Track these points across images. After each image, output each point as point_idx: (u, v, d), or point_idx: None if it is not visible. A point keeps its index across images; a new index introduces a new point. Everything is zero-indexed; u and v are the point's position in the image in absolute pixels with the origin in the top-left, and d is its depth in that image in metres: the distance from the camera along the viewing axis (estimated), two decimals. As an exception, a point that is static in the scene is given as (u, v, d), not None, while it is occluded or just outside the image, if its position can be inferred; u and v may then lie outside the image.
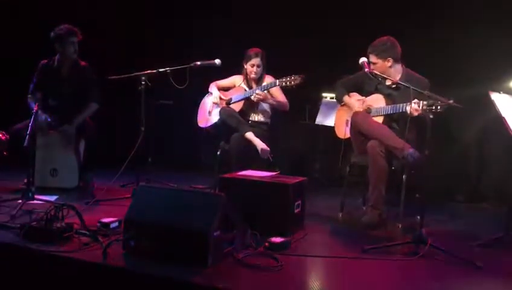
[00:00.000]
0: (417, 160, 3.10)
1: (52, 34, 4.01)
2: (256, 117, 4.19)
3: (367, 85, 3.64)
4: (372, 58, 3.44)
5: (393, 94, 3.50)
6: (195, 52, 4.39)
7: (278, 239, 2.65)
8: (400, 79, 3.39)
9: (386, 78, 3.44)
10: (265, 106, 4.18)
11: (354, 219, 3.47)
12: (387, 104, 3.47)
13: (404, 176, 3.33)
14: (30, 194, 3.26)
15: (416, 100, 3.06)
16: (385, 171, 3.25)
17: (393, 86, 3.50)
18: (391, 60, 3.42)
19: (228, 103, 4.18)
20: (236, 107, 4.11)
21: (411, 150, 3.15)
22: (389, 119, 3.47)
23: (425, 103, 2.85)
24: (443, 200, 4.39)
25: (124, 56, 5.36)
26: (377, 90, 3.59)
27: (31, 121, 3.30)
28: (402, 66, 3.49)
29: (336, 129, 3.89)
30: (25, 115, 3.73)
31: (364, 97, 3.65)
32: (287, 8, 5.17)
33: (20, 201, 3.18)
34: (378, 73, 3.37)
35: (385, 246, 2.78)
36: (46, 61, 4.17)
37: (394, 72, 3.45)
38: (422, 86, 3.13)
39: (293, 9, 5.17)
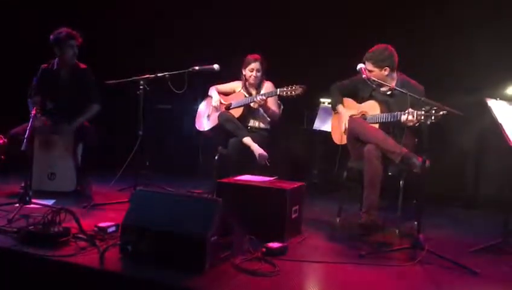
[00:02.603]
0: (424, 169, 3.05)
1: (51, 37, 4.01)
2: (256, 123, 4.20)
3: (362, 91, 3.65)
4: (369, 66, 3.43)
5: (389, 101, 3.51)
6: (195, 56, 4.40)
7: (275, 244, 2.65)
8: (395, 86, 3.40)
9: (384, 85, 3.44)
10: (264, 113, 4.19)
11: (352, 224, 3.47)
12: (382, 111, 3.48)
13: (401, 182, 3.33)
14: (27, 198, 3.25)
15: (410, 110, 3.06)
16: (379, 175, 3.24)
17: (388, 92, 3.52)
18: (388, 70, 3.42)
19: (228, 107, 4.19)
20: (236, 112, 4.11)
21: (419, 161, 3.10)
22: (384, 125, 3.47)
23: (419, 113, 2.85)
24: (440, 206, 4.39)
25: (123, 60, 5.37)
26: (371, 97, 3.60)
27: (29, 125, 3.30)
28: (397, 73, 3.50)
29: (332, 135, 3.89)
30: (23, 119, 3.74)
31: (359, 106, 3.66)
32: (285, 12, 5.19)
33: (17, 205, 3.18)
34: (376, 79, 3.38)
35: (382, 251, 2.78)
36: (46, 65, 4.17)
37: (390, 80, 3.47)
38: (418, 93, 3.14)
39: (291, 13, 5.19)
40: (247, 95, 4.20)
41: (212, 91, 4.35)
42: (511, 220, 3.23)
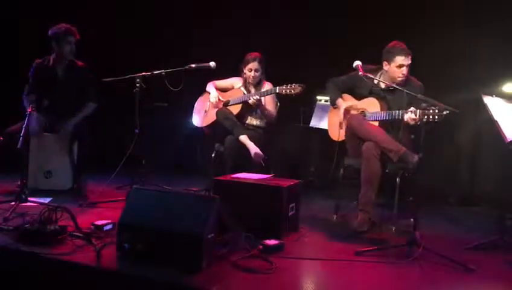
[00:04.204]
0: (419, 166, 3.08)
1: (49, 32, 4.00)
2: (254, 121, 4.19)
3: (360, 88, 3.66)
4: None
5: (388, 98, 3.52)
6: (194, 53, 4.39)
7: (272, 242, 2.66)
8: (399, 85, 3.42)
9: (380, 82, 3.45)
10: (263, 111, 4.19)
11: (348, 222, 3.47)
12: (381, 108, 3.48)
13: (397, 179, 3.34)
14: (24, 196, 3.24)
15: (413, 108, 3.06)
16: (377, 173, 3.25)
17: (391, 88, 3.52)
18: None
19: (226, 104, 4.18)
20: (234, 109, 4.11)
21: (415, 157, 3.12)
22: (383, 124, 3.48)
23: (421, 112, 2.85)
24: (437, 203, 4.41)
25: (121, 57, 5.36)
26: (371, 94, 3.60)
27: (24, 123, 3.29)
28: None
29: (329, 132, 3.89)
30: (19, 117, 3.72)
31: (357, 102, 3.67)
32: (284, 11, 5.18)
33: (13, 203, 3.16)
34: (372, 76, 3.40)
35: (379, 248, 2.79)
36: (40, 60, 4.15)
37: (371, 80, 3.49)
38: (417, 91, 3.15)
39: (288, 11, 5.19)
40: (245, 93, 4.20)
41: (210, 87, 4.34)
42: (506, 217, 3.25)
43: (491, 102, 2.92)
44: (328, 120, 3.95)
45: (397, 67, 3.43)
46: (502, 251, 2.92)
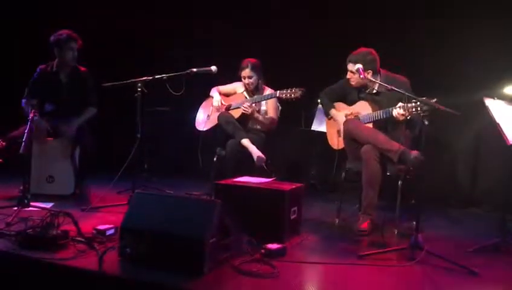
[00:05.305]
0: (419, 162, 3.08)
1: (51, 38, 4.01)
2: (255, 125, 4.19)
3: (349, 94, 3.68)
4: (352, 68, 3.44)
5: (377, 99, 3.53)
6: (195, 58, 4.39)
7: (274, 245, 2.65)
8: (379, 87, 3.43)
9: (381, 85, 3.45)
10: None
11: (350, 225, 3.47)
12: (373, 109, 3.50)
13: (399, 182, 3.34)
14: (26, 201, 3.24)
15: (401, 104, 3.08)
16: (378, 175, 3.26)
17: (374, 91, 3.53)
18: (371, 73, 3.45)
19: (228, 108, 4.20)
20: (236, 113, 4.11)
21: (415, 154, 3.13)
22: (379, 123, 3.48)
23: (410, 105, 2.87)
24: (439, 206, 4.40)
25: (122, 62, 5.37)
26: (359, 98, 3.62)
27: (26, 128, 3.29)
28: (379, 73, 3.50)
29: (329, 140, 3.90)
30: (22, 122, 3.73)
31: (351, 108, 3.68)
32: (284, 12, 5.19)
33: (16, 208, 3.17)
34: (372, 79, 3.40)
35: (381, 252, 2.79)
36: (44, 66, 4.16)
37: (371, 83, 3.49)
38: (405, 87, 3.16)
39: (289, 14, 5.19)
40: (247, 97, 4.21)
41: (214, 92, 4.36)
42: (509, 219, 3.24)
43: (493, 104, 2.93)
44: (326, 130, 3.96)
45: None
46: (504, 254, 2.91)
